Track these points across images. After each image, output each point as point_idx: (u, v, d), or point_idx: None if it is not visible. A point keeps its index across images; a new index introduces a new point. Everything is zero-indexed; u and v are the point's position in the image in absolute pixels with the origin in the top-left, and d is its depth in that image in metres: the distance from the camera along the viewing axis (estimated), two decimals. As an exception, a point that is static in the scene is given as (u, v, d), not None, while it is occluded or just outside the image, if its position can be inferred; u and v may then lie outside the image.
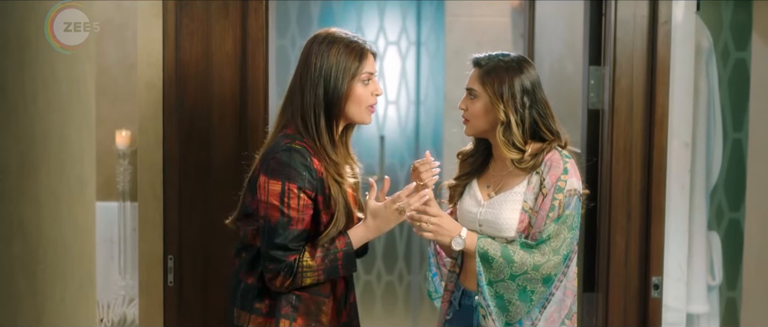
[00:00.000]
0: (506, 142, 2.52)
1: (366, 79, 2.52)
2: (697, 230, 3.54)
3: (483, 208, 2.60)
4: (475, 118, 2.58)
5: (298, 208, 2.44)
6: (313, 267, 2.44)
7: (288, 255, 2.43)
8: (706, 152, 3.60)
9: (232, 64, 3.26)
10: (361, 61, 2.50)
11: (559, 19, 4.00)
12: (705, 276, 3.59)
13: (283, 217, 2.43)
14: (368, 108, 2.55)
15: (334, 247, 2.47)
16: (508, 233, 2.54)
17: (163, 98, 3.28)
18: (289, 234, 2.42)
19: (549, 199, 2.48)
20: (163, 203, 3.30)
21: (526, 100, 2.53)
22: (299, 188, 2.43)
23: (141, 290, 3.38)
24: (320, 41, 2.52)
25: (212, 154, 3.28)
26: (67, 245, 1.94)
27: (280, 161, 2.44)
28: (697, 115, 3.51)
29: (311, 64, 2.49)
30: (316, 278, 2.46)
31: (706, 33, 3.56)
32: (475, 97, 2.58)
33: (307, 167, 2.44)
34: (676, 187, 3.38)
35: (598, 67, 3.39)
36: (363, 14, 5.38)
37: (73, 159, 1.98)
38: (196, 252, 3.31)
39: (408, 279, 5.54)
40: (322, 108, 2.49)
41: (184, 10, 3.24)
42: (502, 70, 2.54)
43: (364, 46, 2.53)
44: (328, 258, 2.46)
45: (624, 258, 3.31)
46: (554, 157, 2.53)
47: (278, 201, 2.42)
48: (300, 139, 2.49)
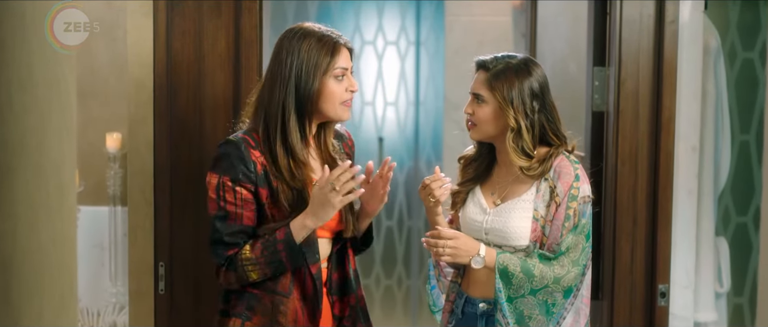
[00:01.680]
0: (516, 148, 2.46)
1: (340, 75, 2.44)
2: (705, 236, 3.50)
3: (489, 216, 2.53)
4: (482, 123, 2.51)
5: (235, 202, 2.38)
6: (253, 259, 2.38)
7: (227, 249, 2.39)
8: (714, 156, 3.55)
9: (225, 65, 3.20)
10: (333, 56, 2.43)
11: (562, 18, 3.96)
12: (713, 283, 3.55)
13: (219, 210, 2.39)
14: (343, 104, 2.47)
15: (272, 237, 2.38)
16: (516, 242, 2.48)
17: (154, 100, 3.22)
18: (226, 228, 2.38)
19: (563, 208, 2.43)
20: (153, 208, 3.24)
21: (536, 105, 2.47)
22: (233, 181, 2.38)
23: (131, 298, 3.32)
24: (291, 36, 2.45)
25: (204, 157, 3.18)
26: (46, 256, 1.86)
27: (217, 155, 2.41)
28: (704, 117, 3.47)
29: (282, 60, 2.43)
30: (261, 272, 2.39)
31: (714, 32, 3.52)
32: (482, 102, 2.50)
33: (242, 159, 2.38)
34: (684, 192, 3.33)
35: (603, 67, 3.33)
36: (361, 13, 5.34)
37: (53, 165, 1.89)
38: (187, 259, 3.24)
39: (407, 283, 5.50)
40: (293, 106, 2.42)
41: (175, 10, 3.18)
42: (511, 73, 2.47)
43: (337, 40, 2.45)
44: (268, 250, 2.38)
45: (630, 265, 3.25)
46: (563, 164, 2.47)
47: (215, 194, 2.39)
48: (247, 132, 2.43)
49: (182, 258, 3.25)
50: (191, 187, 3.23)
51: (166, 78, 3.19)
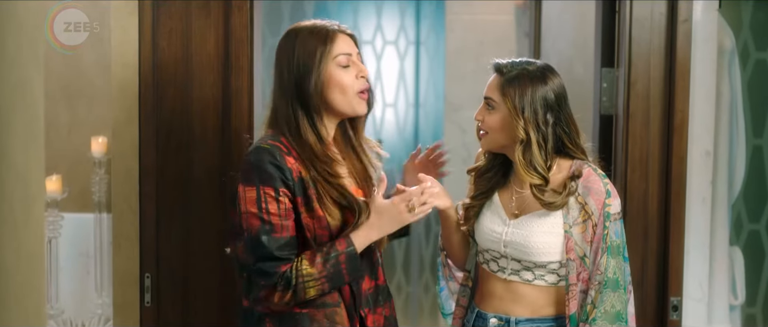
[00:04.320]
0: (526, 164, 2.31)
1: (344, 62, 2.31)
2: (719, 246, 3.39)
3: (509, 227, 2.39)
4: (492, 131, 2.37)
5: (279, 213, 2.24)
6: (315, 274, 2.22)
7: (279, 265, 2.22)
8: (728, 161, 3.45)
9: (214, 65, 3.10)
10: (328, 43, 2.30)
11: (568, 16, 3.86)
12: (727, 295, 3.44)
13: (264, 224, 2.23)
14: (358, 95, 2.33)
15: (334, 249, 2.25)
16: (538, 258, 2.34)
17: (139, 102, 3.12)
18: (274, 242, 2.22)
19: (600, 229, 2.29)
20: (139, 216, 3.14)
21: (550, 117, 2.32)
22: (276, 190, 2.23)
23: (115, 311, 3.20)
24: (285, 37, 2.35)
25: (193, 162, 3.13)
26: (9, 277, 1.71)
27: (250, 164, 2.26)
28: (718, 120, 3.36)
29: (282, 61, 2.32)
30: (321, 288, 2.24)
31: (728, 32, 3.42)
32: (492, 108, 2.37)
33: (279, 167, 2.24)
34: (697, 199, 3.22)
35: (612, 68, 3.23)
36: (359, 12, 5.35)
37: (17, 177, 1.75)
38: (175, 270, 3.14)
39: (406, 290, 5.50)
40: (298, 104, 2.29)
41: (161, 8, 3.08)
42: (526, 80, 2.32)
43: (330, 27, 2.32)
44: (329, 263, 2.24)
45: (640, 277, 3.15)
46: (592, 179, 2.32)
47: (256, 208, 2.23)
48: (275, 138, 2.30)
49: (169, 269, 3.15)
50: (179, 194, 3.14)
51: (152, 78, 3.11)
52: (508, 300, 2.40)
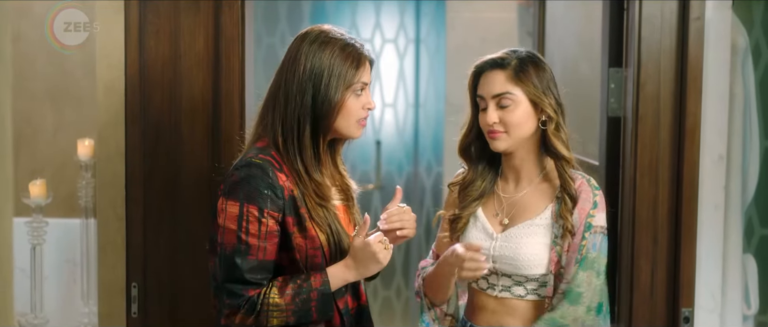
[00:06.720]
0: (563, 140, 2.32)
1: (359, 89, 2.26)
2: (732, 254, 3.29)
3: (497, 241, 2.32)
4: (515, 127, 2.30)
5: (259, 235, 2.16)
6: (281, 306, 2.16)
7: (248, 289, 2.16)
8: (742, 166, 3.35)
9: (203, 65, 3.02)
10: (358, 69, 2.24)
11: (574, 14, 3.77)
12: (740, 305, 3.36)
13: (240, 244, 2.16)
14: (358, 122, 2.28)
15: (307, 284, 2.18)
16: (529, 271, 2.28)
17: (126, 104, 3.04)
18: (247, 264, 2.16)
19: (579, 238, 2.24)
20: (125, 223, 3.05)
21: (559, 96, 2.36)
22: (260, 210, 2.15)
23: (101, 321, 3.13)
24: (312, 40, 2.25)
25: (181, 167, 3.05)
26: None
27: (238, 179, 2.17)
28: (732, 123, 3.27)
29: (300, 66, 2.23)
30: (285, 320, 2.18)
31: (742, 31, 3.32)
32: (509, 104, 2.30)
33: (271, 185, 2.17)
34: (709, 206, 3.14)
35: (620, 69, 3.14)
36: (358, 9, 5.31)
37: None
38: (163, 279, 3.06)
39: (406, 294, 5.50)
40: (308, 119, 2.22)
41: (148, 6, 2.99)
42: (530, 63, 2.33)
43: (361, 51, 2.26)
44: (299, 297, 2.17)
45: (650, 287, 3.08)
46: (584, 188, 2.29)
47: (235, 225, 2.15)
48: (266, 151, 2.22)
49: (157, 278, 3.07)
50: (167, 200, 3.06)
51: (139, 80, 3.02)
52: (502, 313, 2.36)
